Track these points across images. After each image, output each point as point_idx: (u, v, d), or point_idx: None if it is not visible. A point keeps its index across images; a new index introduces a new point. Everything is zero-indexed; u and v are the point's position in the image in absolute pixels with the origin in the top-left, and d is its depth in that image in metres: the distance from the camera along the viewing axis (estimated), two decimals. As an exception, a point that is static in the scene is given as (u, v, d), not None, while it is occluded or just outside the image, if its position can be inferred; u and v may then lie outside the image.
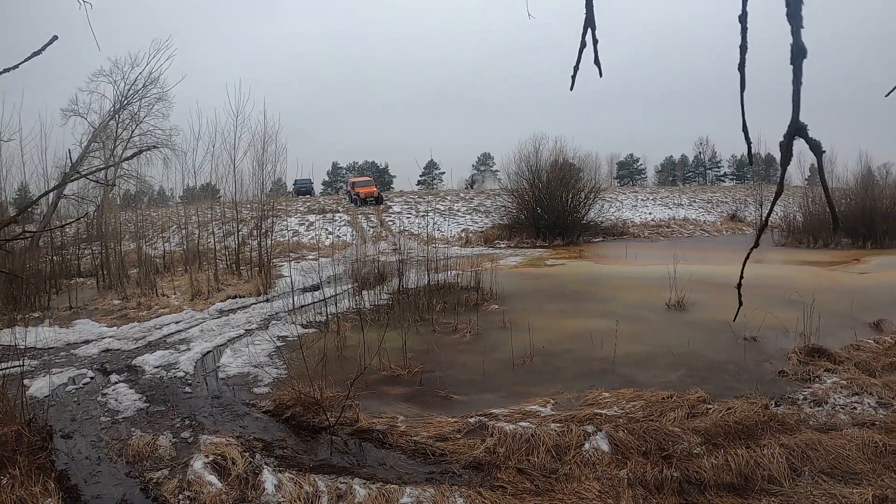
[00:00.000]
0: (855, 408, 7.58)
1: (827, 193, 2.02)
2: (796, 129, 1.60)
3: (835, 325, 11.49)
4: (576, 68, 2.06)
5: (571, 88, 2.14)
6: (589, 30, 2.00)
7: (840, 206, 32.44)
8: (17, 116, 23.04)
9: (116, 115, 29.95)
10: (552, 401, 7.70)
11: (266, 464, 6.07)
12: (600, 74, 2.04)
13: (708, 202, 51.39)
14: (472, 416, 7.07)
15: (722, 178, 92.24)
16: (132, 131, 30.46)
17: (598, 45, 1.99)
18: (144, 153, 28.49)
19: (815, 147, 1.63)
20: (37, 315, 15.58)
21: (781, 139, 1.65)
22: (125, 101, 30.11)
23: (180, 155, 25.22)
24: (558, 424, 6.68)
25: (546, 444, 6.19)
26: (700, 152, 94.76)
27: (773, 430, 6.71)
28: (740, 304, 2.33)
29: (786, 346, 10.22)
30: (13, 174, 21.46)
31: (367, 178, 53.71)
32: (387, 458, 6.28)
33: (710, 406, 7.39)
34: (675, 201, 50.61)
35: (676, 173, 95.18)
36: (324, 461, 6.23)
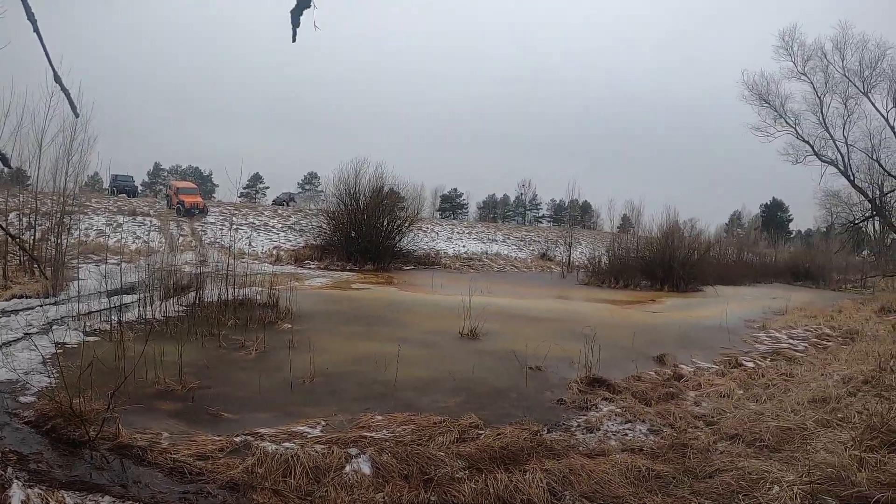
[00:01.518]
0: (626, 434, 8.06)
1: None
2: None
3: (621, 357, 12.50)
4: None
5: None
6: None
7: (644, 252, 35.78)
8: None
9: None
10: (323, 422, 7.72)
11: (17, 478, 5.68)
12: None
13: (522, 240, 53.33)
14: (238, 436, 7.00)
15: (540, 220, 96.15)
16: None
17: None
18: None
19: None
20: None
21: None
22: None
23: None
24: (322, 446, 6.68)
25: (305, 465, 6.13)
26: (521, 193, 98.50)
27: (539, 455, 6.86)
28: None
29: (569, 376, 10.79)
30: None
31: (193, 186, 48.84)
32: (144, 475, 6.06)
33: (481, 431, 7.57)
34: (490, 237, 52.23)
35: (497, 211, 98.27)
36: (78, 477, 5.94)
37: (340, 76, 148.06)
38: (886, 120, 35.77)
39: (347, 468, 6.27)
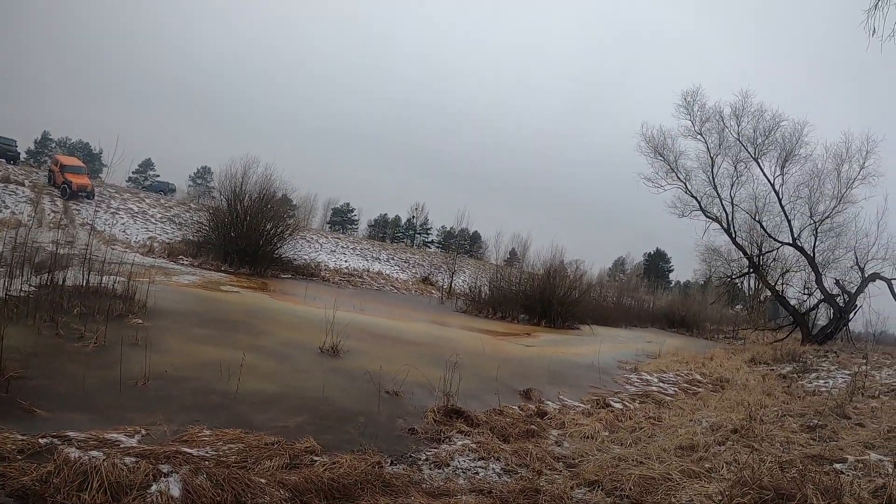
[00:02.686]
0: (477, 473, 7.67)
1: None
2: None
3: (486, 389, 12.33)
4: None
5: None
6: None
7: (525, 286, 36.59)
8: None
9: None
10: (144, 431, 7.22)
11: None
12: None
13: (406, 262, 53.49)
14: (44, 437, 6.44)
15: (429, 245, 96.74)
16: None
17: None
18: None
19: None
20: None
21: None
22: None
23: None
24: (133, 459, 6.06)
25: (105, 479, 5.51)
26: (413, 216, 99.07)
27: (375, 491, 6.49)
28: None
29: (428, 404, 10.28)
30: None
31: (80, 164, 43.87)
32: None
33: (316, 458, 7.11)
34: (375, 255, 52.22)
35: (388, 230, 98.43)
36: None
37: (245, 75, 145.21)
38: (772, 185, 38.01)
39: (153, 488, 5.68)
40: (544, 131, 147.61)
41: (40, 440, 6.38)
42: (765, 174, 38.63)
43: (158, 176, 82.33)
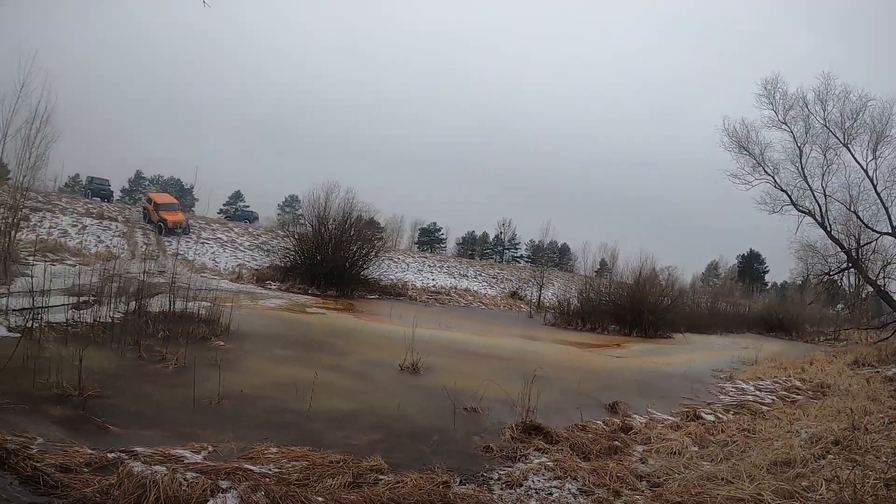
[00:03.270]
0: (551, 493, 7.26)
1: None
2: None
3: (570, 403, 11.88)
4: None
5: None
6: None
7: (615, 296, 35.58)
8: None
9: None
10: (210, 448, 7.31)
11: None
12: None
13: (494, 277, 53.22)
14: (112, 451, 6.68)
15: (518, 259, 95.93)
16: None
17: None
18: None
19: None
20: None
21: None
22: None
23: None
24: (194, 474, 6.15)
25: (162, 493, 5.60)
26: (501, 232, 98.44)
27: None
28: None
29: (506, 420, 9.98)
30: None
31: (173, 200, 45.17)
32: None
33: (381, 477, 6.92)
34: (462, 272, 52.10)
35: (476, 248, 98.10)
36: None
37: (330, 108, 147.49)
38: (865, 171, 35.10)
39: (210, 502, 5.75)
40: (633, 141, 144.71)
41: (108, 454, 6.60)
42: (856, 160, 35.72)
43: (248, 206, 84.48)
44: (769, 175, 37.78)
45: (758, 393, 16.25)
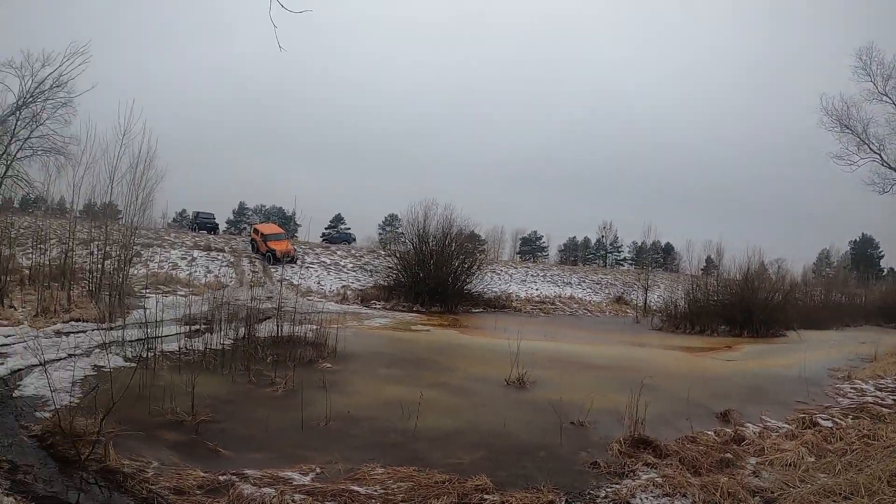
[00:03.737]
0: None
1: None
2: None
3: (680, 413, 11.40)
4: None
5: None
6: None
7: (723, 295, 34.35)
8: None
9: (17, 112, 28.73)
10: (318, 469, 7.44)
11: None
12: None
13: (598, 283, 52.41)
14: (224, 474, 6.92)
15: (621, 263, 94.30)
16: (31, 131, 29.15)
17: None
18: (39, 157, 28.41)
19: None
20: None
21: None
22: (29, 99, 28.85)
23: (75, 166, 24.46)
24: (302, 496, 6.41)
25: None
26: (602, 236, 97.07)
27: None
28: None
29: (614, 433, 9.63)
30: None
31: (280, 230, 44.89)
32: (116, 501, 6.16)
33: (487, 496, 6.89)
34: (566, 279, 51.50)
35: (578, 253, 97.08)
36: (55, 494, 6.14)
37: (419, 125, 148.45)
38: None
39: None
40: (724, 136, 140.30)
41: (220, 477, 6.86)
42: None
43: (348, 228, 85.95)
44: (875, 153, 35.34)
45: (878, 393, 15.30)
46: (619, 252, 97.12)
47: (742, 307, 33.23)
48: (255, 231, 42.81)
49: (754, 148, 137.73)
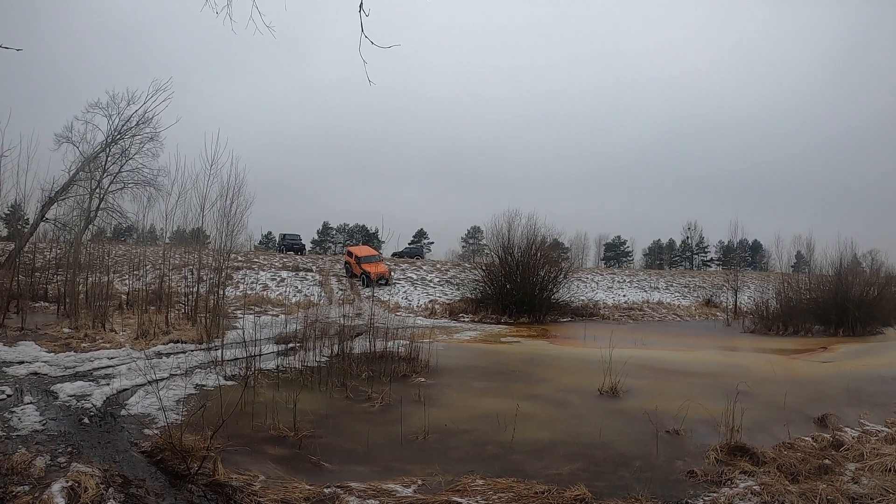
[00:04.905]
0: None
1: None
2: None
3: (777, 419, 11.25)
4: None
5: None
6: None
7: (815, 292, 33.37)
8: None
9: (107, 149, 30.33)
10: (420, 482, 7.55)
11: (114, 498, 6.35)
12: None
13: (685, 286, 51.49)
14: (328, 487, 7.07)
15: (708, 264, 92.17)
16: (121, 166, 30.76)
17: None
18: (130, 189, 29.99)
19: None
20: (-12, 330, 16.28)
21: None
22: (117, 136, 30.46)
23: (165, 197, 25.63)
24: None
25: None
26: (688, 237, 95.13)
27: None
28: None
29: (710, 441, 9.59)
30: (5, 190, 22.05)
31: (374, 253, 44.85)
32: None
33: None
34: (653, 284, 50.74)
35: (663, 257, 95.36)
36: None
37: (503, 137, 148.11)
38: None
39: None
40: (810, 123, 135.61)
41: (325, 489, 7.05)
42: None
43: (433, 243, 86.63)
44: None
45: None
46: (706, 253, 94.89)
47: (836, 304, 32.22)
48: (349, 254, 42.91)
49: (841, 132, 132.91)
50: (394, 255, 56.97)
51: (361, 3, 5.57)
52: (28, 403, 9.99)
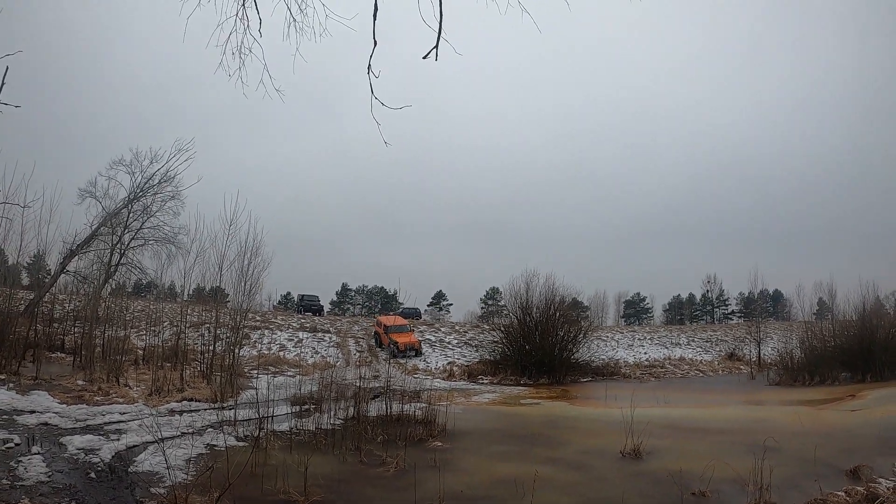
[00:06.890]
0: None
1: None
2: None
3: (807, 474, 10.88)
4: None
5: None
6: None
7: (839, 339, 32.39)
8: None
9: (129, 205, 30.75)
10: None
11: None
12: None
13: (707, 341, 50.92)
14: None
15: (729, 316, 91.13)
16: (142, 223, 31.11)
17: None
18: (151, 246, 30.40)
19: None
20: (2, 377, 16.71)
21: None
22: (140, 193, 30.91)
23: (185, 254, 26.05)
24: None
25: None
26: (707, 290, 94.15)
27: None
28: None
29: (739, 502, 9.48)
30: (27, 240, 22.55)
31: (403, 322, 42.02)
32: None
33: None
34: (674, 340, 50.19)
35: (684, 312, 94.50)
36: None
37: (515, 199, 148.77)
38: None
39: None
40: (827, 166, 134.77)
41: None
42: None
43: (451, 304, 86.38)
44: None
45: None
46: (727, 305, 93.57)
47: (861, 349, 31.15)
48: (379, 324, 41.50)
49: (861, 174, 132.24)
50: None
51: (370, 66, 5.51)
52: (36, 454, 9.97)
